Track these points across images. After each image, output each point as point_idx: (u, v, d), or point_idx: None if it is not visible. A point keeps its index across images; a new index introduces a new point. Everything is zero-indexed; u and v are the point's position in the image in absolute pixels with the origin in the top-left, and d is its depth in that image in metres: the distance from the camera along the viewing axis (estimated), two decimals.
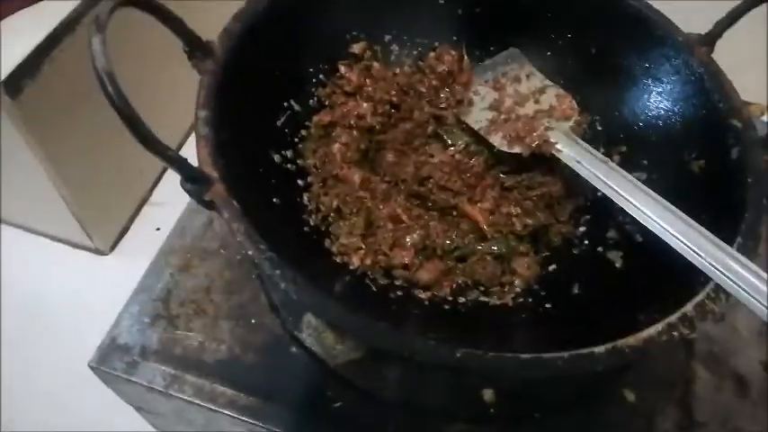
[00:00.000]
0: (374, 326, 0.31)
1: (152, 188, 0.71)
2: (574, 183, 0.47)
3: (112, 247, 0.70)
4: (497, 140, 0.48)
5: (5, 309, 0.66)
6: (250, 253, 0.33)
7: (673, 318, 0.34)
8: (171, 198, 0.33)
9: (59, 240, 0.68)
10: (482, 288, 0.44)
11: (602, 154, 0.48)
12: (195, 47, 0.39)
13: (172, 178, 0.34)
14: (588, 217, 0.48)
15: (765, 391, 0.48)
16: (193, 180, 0.34)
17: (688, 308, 0.35)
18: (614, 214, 0.45)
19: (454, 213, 0.47)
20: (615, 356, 0.32)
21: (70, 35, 0.53)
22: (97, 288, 0.65)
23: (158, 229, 0.70)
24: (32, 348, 0.64)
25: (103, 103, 0.30)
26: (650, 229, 0.39)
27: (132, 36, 0.54)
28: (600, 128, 0.51)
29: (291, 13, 0.45)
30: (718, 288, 0.36)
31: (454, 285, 0.44)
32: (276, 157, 0.44)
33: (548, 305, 0.43)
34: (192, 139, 0.77)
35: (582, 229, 0.48)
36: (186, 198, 0.35)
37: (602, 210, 0.45)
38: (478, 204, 0.47)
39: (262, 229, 0.34)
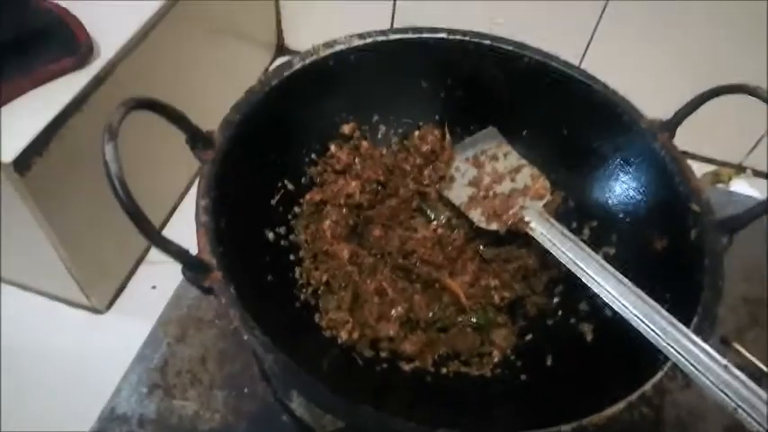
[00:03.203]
0: (358, 409, 0.33)
1: (148, 247, 0.73)
2: (549, 255, 0.50)
3: (109, 306, 0.71)
4: (476, 216, 0.51)
5: (2, 369, 0.66)
6: (246, 338, 0.35)
7: (633, 396, 0.37)
8: (167, 257, 0.36)
9: (56, 299, 0.70)
10: (462, 359, 0.47)
11: (575, 227, 0.52)
12: (197, 139, 0.42)
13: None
14: (562, 288, 0.51)
15: None
16: (193, 268, 0.37)
17: (647, 387, 0.37)
18: (585, 287, 0.48)
19: (437, 286, 0.50)
20: None
21: (77, 114, 0.56)
22: (94, 347, 0.66)
23: (154, 287, 0.72)
24: (32, 411, 0.64)
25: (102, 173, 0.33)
26: (614, 308, 0.42)
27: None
28: (572, 204, 0.54)
29: (286, 101, 0.49)
30: (676, 367, 0.39)
31: (436, 357, 0.47)
32: (270, 235, 0.47)
33: (523, 376, 0.45)
34: (178, 214, 0.80)
35: (556, 299, 0.51)
36: None
37: (575, 282, 0.47)
38: (459, 278, 0.50)
39: (256, 310, 0.37)
